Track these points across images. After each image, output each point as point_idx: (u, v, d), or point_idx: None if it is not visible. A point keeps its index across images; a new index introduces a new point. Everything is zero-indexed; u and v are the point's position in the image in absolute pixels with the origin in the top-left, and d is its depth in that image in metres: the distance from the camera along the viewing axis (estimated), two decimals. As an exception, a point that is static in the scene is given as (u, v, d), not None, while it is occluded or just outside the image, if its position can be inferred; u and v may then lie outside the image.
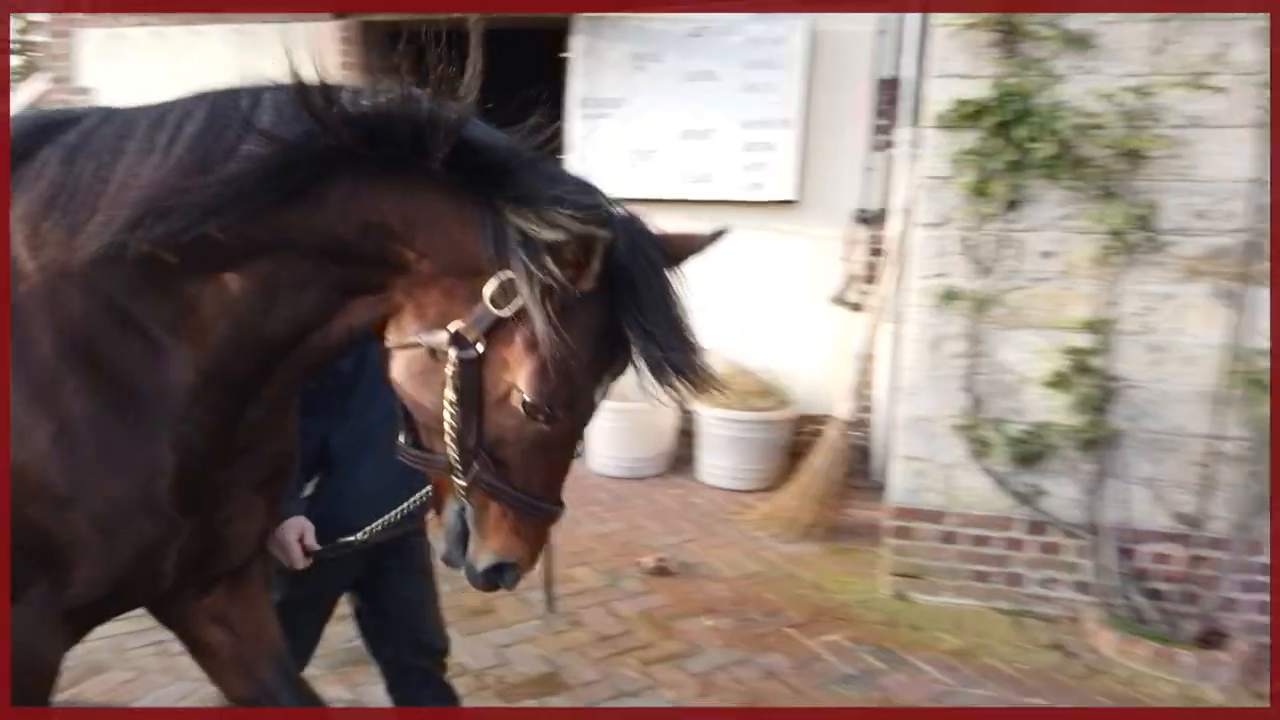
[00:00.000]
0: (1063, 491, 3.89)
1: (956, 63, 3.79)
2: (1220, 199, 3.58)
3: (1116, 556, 3.80)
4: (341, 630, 2.67)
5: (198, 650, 1.91)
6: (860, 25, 5.56)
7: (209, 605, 1.87)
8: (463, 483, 1.56)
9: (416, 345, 1.52)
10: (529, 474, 1.56)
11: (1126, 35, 3.58)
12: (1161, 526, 3.81)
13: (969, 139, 3.77)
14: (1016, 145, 3.68)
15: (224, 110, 1.48)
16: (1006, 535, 3.99)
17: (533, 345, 1.46)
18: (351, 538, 2.12)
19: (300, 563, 2.08)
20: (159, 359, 1.54)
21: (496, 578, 1.62)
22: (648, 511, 5.16)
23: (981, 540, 4.01)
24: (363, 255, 1.50)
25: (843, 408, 4.96)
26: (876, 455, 5.51)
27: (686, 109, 5.81)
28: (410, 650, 2.46)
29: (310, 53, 1.49)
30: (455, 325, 1.48)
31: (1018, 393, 3.89)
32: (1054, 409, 3.83)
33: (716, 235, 1.62)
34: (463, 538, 1.62)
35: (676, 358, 1.49)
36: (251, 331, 1.54)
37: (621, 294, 1.47)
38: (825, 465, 4.85)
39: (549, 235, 1.40)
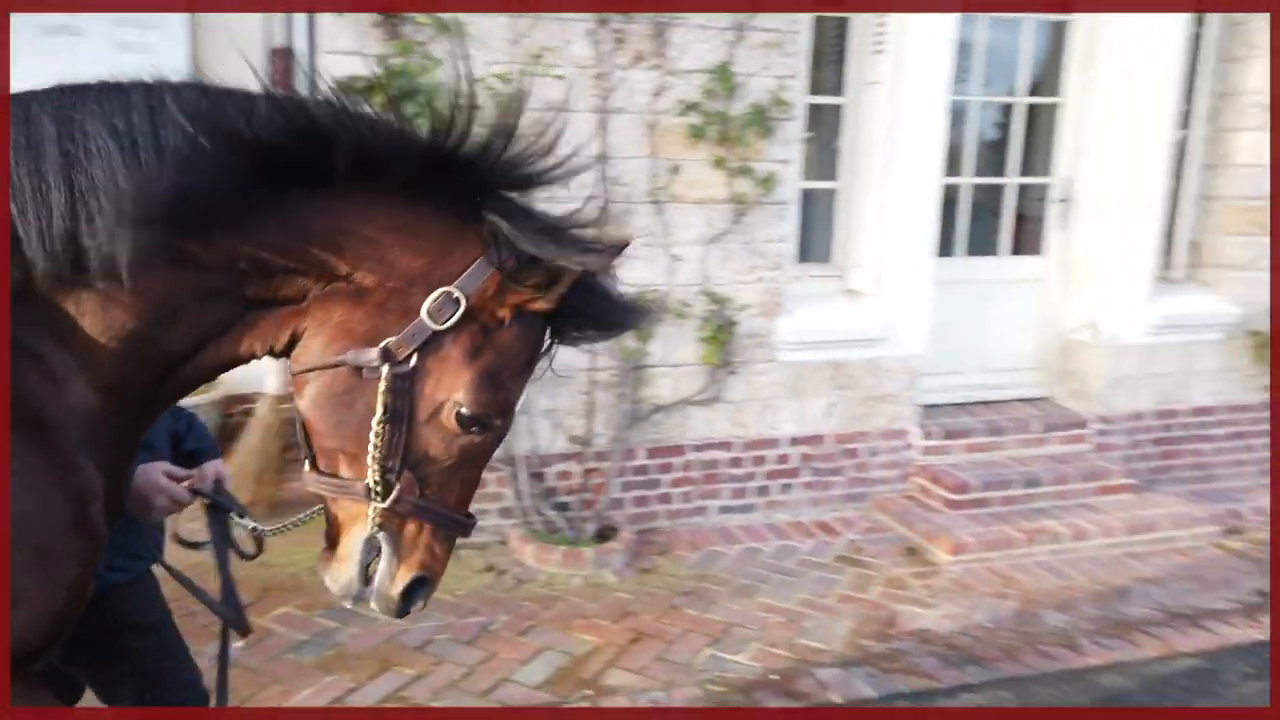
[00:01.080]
0: (481, 432, 4.38)
1: (344, 40, 3.95)
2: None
3: (530, 480, 4.42)
4: None
5: None
6: (244, -11, 5.41)
7: None
8: (382, 506, 1.48)
9: (339, 365, 1.44)
10: (448, 490, 1.53)
11: (490, 26, 4.06)
12: (562, 449, 4.51)
13: (366, 114, 3.97)
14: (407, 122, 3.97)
15: (147, 105, 1.36)
16: (438, 479, 4.38)
17: (472, 356, 1.46)
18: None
19: (186, 495, 1.95)
20: (60, 384, 1.40)
21: (412, 599, 1.57)
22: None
23: (417, 488, 4.35)
24: (289, 267, 1.42)
25: (273, 382, 4.92)
26: (312, 424, 5.58)
27: (46, 68, 5.12)
28: None
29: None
30: (388, 341, 1.42)
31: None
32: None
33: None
34: (367, 568, 1.56)
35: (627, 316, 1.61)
36: (153, 346, 1.43)
37: (565, 309, 1.51)
38: (259, 442, 4.80)
39: (544, 253, 1.41)
